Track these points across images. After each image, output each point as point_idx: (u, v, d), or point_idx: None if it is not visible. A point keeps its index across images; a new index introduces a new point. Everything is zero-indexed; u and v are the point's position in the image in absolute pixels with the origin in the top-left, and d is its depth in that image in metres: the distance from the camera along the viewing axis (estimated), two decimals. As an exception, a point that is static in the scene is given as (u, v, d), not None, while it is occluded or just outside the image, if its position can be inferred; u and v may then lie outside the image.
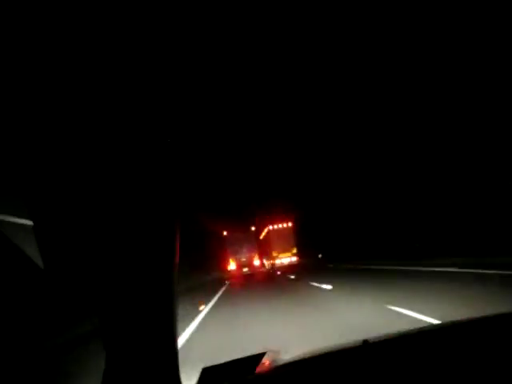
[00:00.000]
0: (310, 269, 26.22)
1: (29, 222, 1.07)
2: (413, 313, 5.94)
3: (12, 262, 0.98)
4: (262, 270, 37.16)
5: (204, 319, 8.89)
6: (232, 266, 39.59)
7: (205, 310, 10.69)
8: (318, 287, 12.42)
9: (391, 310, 6.51)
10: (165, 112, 1.23)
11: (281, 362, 1.37)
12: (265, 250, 40.46)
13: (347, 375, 1.20)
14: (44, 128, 1.06)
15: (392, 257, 21.13)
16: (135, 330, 1.14)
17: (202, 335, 6.86)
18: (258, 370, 1.31)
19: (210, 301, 13.07)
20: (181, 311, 7.51)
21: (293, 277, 20.25)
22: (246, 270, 38.54)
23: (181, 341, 6.21)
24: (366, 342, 1.38)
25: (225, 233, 40.72)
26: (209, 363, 1.35)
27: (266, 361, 1.37)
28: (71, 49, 1.04)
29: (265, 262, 40.38)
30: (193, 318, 8.97)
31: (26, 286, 0.96)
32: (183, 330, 7.39)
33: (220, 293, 16.64)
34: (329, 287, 11.73)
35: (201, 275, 30.68)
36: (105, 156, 1.10)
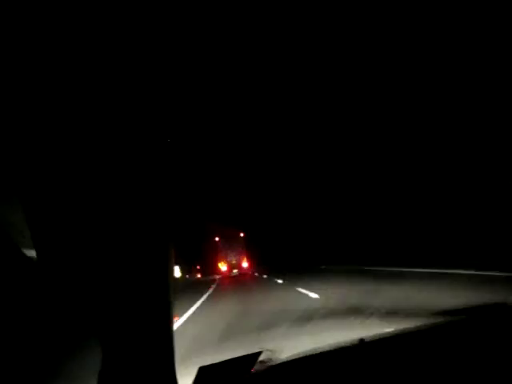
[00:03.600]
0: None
1: (26, 225, 1.07)
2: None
3: (10, 263, 0.97)
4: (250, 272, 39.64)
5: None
6: (223, 267, 43.31)
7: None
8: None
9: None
10: (161, 114, 1.22)
11: (277, 362, 1.37)
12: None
13: (344, 374, 1.20)
14: (42, 128, 1.06)
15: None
16: (131, 329, 1.14)
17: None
18: (254, 369, 1.32)
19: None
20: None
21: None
22: (235, 271, 41.29)
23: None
24: (362, 340, 1.39)
25: (217, 238, 44.83)
26: (205, 362, 1.35)
27: (261, 360, 1.38)
28: (70, 48, 1.04)
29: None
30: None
31: (25, 286, 0.96)
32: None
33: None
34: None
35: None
36: (101, 160, 1.10)
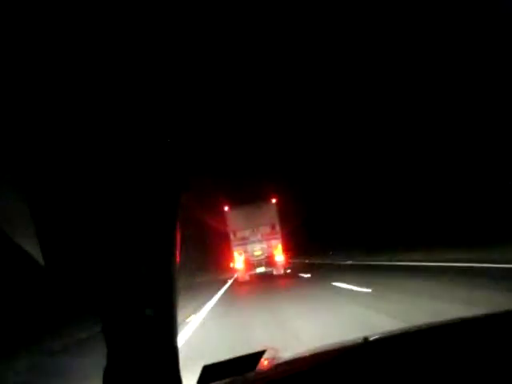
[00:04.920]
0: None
1: (29, 221, 1.07)
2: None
3: (12, 263, 0.98)
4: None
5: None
6: (238, 263, 22.89)
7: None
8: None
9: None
10: (163, 109, 1.22)
11: (281, 360, 1.38)
12: None
13: (348, 373, 1.20)
14: (45, 128, 1.06)
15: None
16: (135, 327, 1.15)
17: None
18: (258, 367, 1.32)
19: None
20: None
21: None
22: (261, 270, 22.52)
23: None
24: (366, 339, 1.38)
25: (226, 208, 23.38)
26: (210, 361, 1.35)
27: (265, 358, 1.38)
28: (71, 48, 1.04)
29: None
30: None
31: (27, 286, 0.96)
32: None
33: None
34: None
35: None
36: (104, 154, 1.10)
